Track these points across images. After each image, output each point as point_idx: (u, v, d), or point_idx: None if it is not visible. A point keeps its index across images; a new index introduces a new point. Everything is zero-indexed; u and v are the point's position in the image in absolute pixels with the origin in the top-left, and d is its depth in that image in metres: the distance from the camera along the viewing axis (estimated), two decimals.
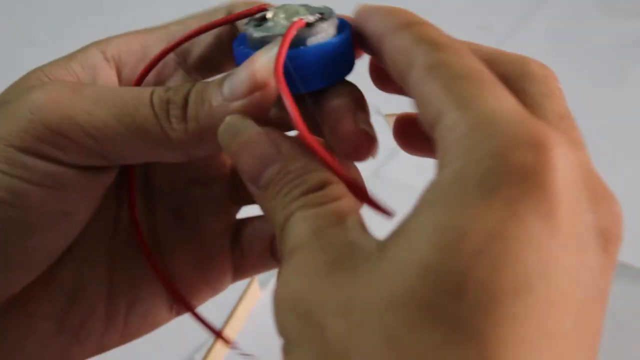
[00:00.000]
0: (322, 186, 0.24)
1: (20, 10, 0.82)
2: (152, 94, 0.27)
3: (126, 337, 0.31)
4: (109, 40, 0.30)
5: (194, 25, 0.30)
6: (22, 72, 0.29)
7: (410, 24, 0.25)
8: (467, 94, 0.21)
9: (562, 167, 0.20)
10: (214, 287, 0.32)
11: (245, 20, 0.28)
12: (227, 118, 0.26)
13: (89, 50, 0.30)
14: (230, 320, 0.47)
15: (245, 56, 0.26)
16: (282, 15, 0.27)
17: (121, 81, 0.30)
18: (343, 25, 0.28)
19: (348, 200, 0.24)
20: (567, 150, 0.20)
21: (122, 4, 0.82)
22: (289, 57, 0.26)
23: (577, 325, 0.20)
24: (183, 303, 0.31)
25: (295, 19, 0.27)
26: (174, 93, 0.27)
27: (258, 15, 0.28)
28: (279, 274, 0.23)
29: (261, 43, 0.27)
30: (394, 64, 0.25)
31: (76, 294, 0.29)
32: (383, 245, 0.21)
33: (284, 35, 0.25)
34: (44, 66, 0.29)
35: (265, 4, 0.29)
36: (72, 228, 0.28)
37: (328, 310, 0.20)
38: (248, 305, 0.49)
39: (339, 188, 0.24)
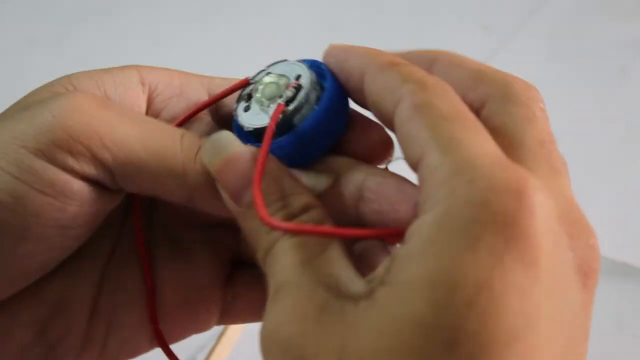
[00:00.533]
0: (305, 210, 0.24)
1: (21, 10, 0.82)
2: (183, 134, 0.27)
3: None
4: (151, 67, 0.30)
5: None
6: (24, 72, 0.29)
7: (395, 64, 0.25)
8: (451, 136, 0.22)
9: (540, 213, 0.21)
10: (198, 325, 0.32)
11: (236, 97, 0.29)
12: (215, 135, 0.26)
13: (127, 70, 0.30)
14: (216, 348, 0.46)
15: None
16: (262, 97, 0.27)
17: (150, 109, 0.30)
18: (322, 74, 0.28)
19: (329, 224, 0.24)
20: (545, 194, 0.21)
21: (124, 5, 0.82)
22: (282, 146, 0.26)
23: None
24: (158, 336, 0.31)
25: (272, 106, 0.27)
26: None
27: (245, 93, 0.28)
28: (267, 311, 0.23)
29: (253, 135, 0.27)
30: (379, 102, 0.25)
31: (60, 307, 0.29)
32: (372, 293, 0.21)
33: (257, 162, 0.25)
34: (74, 74, 0.29)
35: (246, 79, 0.29)
36: (67, 242, 0.28)
37: (322, 358, 0.20)
38: (234, 333, 0.48)
39: (320, 212, 0.25)
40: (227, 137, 0.26)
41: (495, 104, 0.25)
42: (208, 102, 0.30)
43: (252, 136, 0.27)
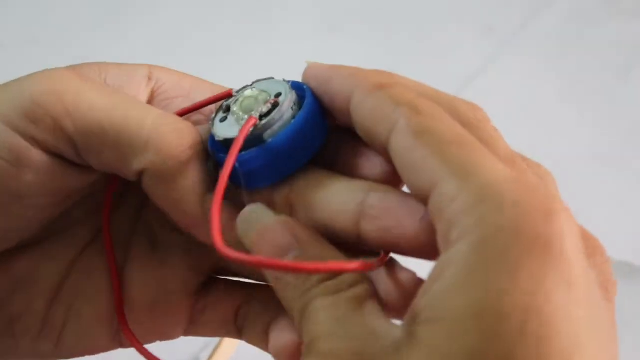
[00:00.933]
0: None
1: (22, 10, 0.82)
2: (158, 113, 0.27)
3: (60, 350, 0.30)
4: (164, 67, 0.30)
5: None
6: (25, 71, 0.29)
7: (383, 86, 0.25)
8: (462, 162, 0.22)
9: (569, 234, 0.21)
10: (163, 331, 0.31)
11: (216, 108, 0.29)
12: (246, 208, 0.26)
13: (138, 65, 0.30)
14: (220, 346, 0.46)
15: (218, 159, 0.27)
16: (239, 109, 0.27)
17: (150, 104, 0.29)
18: (303, 96, 0.27)
19: (364, 285, 0.24)
20: (568, 215, 0.21)
21: (126, 5, 0.82)
22: (249, 159, 0.26)
23: None
24: (126, 331, 0.30)
25: (245, 117, 0.27)
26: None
27: (225, 105, 0.28)
28: None
29: (224, 145, 0.27)
30: (370, 127, 0.25)
31: (22, 283, 0.29)
32: (412, 333, 0.21)
33: (223, 168, 0.25)
34: (81, 63, 0.29)
35: (230, 90, 0.29)
36: (27, 213, 0.27)
37: None
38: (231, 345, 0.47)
39: (354, 275, 0.24)
40: (257, 209, 0.26)
41: None
42: (190, 108, 0.29)
43: (224, 146, 0.27)
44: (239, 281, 0.31)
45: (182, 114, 0.29)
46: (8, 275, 0.29)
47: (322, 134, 0.27)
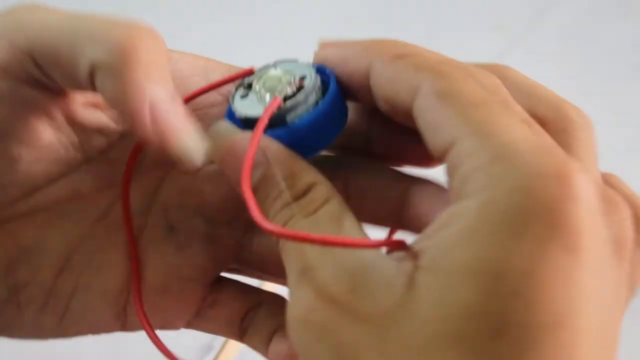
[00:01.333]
0: (310, 188, 0.25)
1: None
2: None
3: (64, 325, 0.29)
4: (177, 50, 0.30)
5: None
6: None
7: (403, 55, 0.25)
8: (484, 122, 0.22)
9: (583, 196, 0.21)
10: (168, 319, 0.30)
11: (235, 85, 0.28)
12: (217, 124, 0.26)
13: None
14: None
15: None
16: (262, 88, 0.27)
17: None
18: (327, 81, 0.27)
19: (337, 199, 0.24)
20: (585, 176, 0.21)
21: (133, 4, 0.82)
22: (272, 139, 0.26)
23: (602, 342, 0.21)
24: (140, 313, 0.29)
25: (269, 99, 0.26)
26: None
27: (246, 82, 0.28)
28: (293, 295, 0.23)
29: (243, 122, 0.27)
30: (393, 94, 0.25)
31: (30, 252, 0.28)
32: (410, 277, 0.21)
33: (249, 144, 0.25)
34: None
35: (251, 69, 0.28)
36: (12, 151, 0.26)
37: (364, 351, 0.21)
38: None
39: (326, 187, 0.25)
40: (224, 126, 0.26)
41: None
42: (210, 87, 0.29)
43: (243, 124, 0.27)
44: (252, 285, 0.31)
45: (201, 92, 0.29)
46: (14, 242, 0.28)
47: (343, 120, 0.27)
